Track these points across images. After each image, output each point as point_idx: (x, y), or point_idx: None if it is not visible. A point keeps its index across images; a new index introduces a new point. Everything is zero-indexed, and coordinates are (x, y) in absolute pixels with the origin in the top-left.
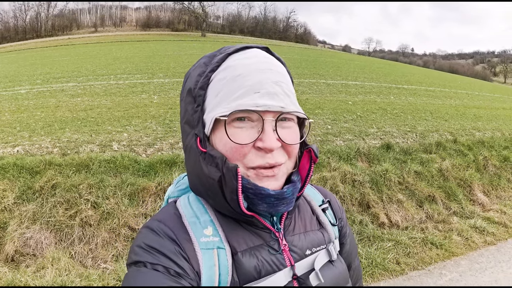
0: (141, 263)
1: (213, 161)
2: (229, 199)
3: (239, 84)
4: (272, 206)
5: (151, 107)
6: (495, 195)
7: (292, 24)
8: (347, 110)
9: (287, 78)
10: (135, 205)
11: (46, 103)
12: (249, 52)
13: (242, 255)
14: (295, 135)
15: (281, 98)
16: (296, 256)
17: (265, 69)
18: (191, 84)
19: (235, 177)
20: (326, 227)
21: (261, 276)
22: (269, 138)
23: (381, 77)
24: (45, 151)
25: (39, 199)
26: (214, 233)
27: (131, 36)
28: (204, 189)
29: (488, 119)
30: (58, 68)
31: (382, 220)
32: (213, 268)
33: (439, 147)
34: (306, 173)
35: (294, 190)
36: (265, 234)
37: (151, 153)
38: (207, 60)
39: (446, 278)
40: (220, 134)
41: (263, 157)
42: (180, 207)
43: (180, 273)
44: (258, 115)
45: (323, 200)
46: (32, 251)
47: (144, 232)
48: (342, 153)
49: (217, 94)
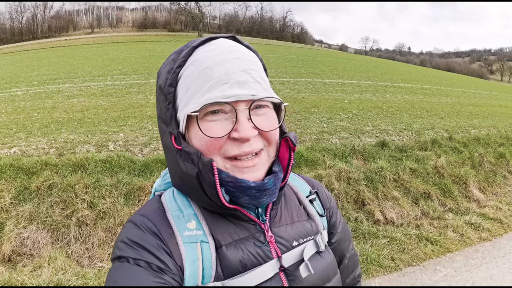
0: (124, 258)
1: (189, 157)
2: (209, 194)
3: (207, 77)
4: (254, 198)
5: (147, 107)
6: (490, 192)
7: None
8: (343, 109)
9: (258, 65)
10: (131, 204)
11: (42, 104)
12: (214, 43)
13: (226, 248)
14: (272, 121)
15: (252, 86)
16: (283, 248)
17: (231, 58)
18: (162, 82)
19: (211, 171)
20: (314, 217)
21: (247, 269)
22: (244, 127)
23: (377, 76)
24: (42, 152)
25: (35, 199)
26: (198, 227)
27: (127, 37)
28: (185, 187)
29: (484, 116)
30: (55, 69)
31: (377, 217)
32: (197, 262)
33: (435, 144)
34: (287, 162)
35: (276, 180)
36: (250, 226)
37: (147, 152)
38: (175, 56)
39: (441, 274)
40: (195, 130)
41: (239, 146)
42: (165, 201)
43: (163, 268)
44: (230, 106)
45: (310, 191)
46: (29, 250)
47: (127, 227)
48: (338, 151)
49: (187, 90)
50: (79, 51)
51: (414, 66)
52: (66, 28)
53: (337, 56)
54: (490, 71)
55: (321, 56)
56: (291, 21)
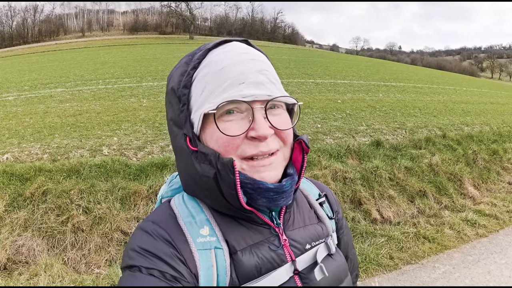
0: (135, 268)
1: (205, 158)
2: (227, 195)
3: (223, 77)
4: (272, 200)
5: (140, 110)
6: (485, 188)
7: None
8: (337, 109)
9: (270, 66)
10: (127, 209)
11: (34, 109)
12: (229, 46)
13: (242, 254)
14: (286, 121)
15: (267, 86)
16: (297, 251)
17: (247, 59)
18: (174, 84)
19: (231, 171)
20: (324, 220)
21: (262, 274)
22: (261, 125)
23: (369, 75)
24: (35, 158)
25: (30, 206)
26: (211, 233)
27: (118, 40)
28: (199, 189)
29: (477, 113)
30: (46, 74)
31: (374, 216)
32: (211, 269)
33: (429, 142)
34: (300, 165)
35: (292, 182)
36: (264, 230)
37: (141, 156)
38: (188, 59)
39: (439, 271)
40: (211, 130)
41: (256, 146)
42: (175, 207)
43: (177, 276)
44: (246, 105)
45: (319, 193)
46: (24, 258)
47: (138, 234)
48: (333, 151)
49: (202, 91)
50: (70, 55)
51: (406, 65)
52: (57, 32)
53: (328, 56)
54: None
55: (313, 57)
56: (282, 22)
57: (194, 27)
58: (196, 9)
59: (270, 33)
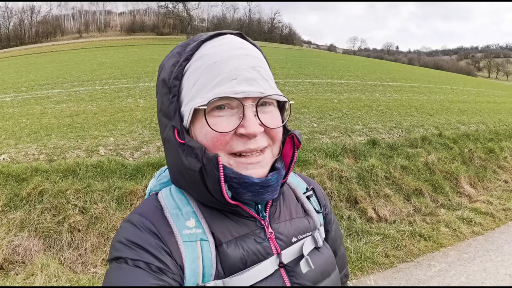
0: (122, 259)
1: (192, 152)
2: (212, 190)
3: (216, 72)
4: (257, 194)
5: (137, 111)
6: (481, 187)
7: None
8: (333, 108)
9: (264, 62)
10: (123, 208)
11: (31, 110)
12: (223, 39)
13: (227, 246)
14: (277, 119)
15: (260, 83)
16: (282, 244)
17: (240, 54)
18: (165, 74)
19: (216, 166)
20: (311, 214)
21: (247, 266)
22: (251, 123)
23: (366, 75)
24: (31, 158)
25: (26, 206)
26: (197, 225)
27: (116, 41)
28: (185, 182)
29: (473, 112)
30: (43, 75)
31: (370, 215)
32: (197, 261)
33: (425, 141)
34: (290, 159)
35: (279, 177)
36: (250, 223)
37: (138, 156)
38: (180, 50)
39: (435, 269)
40: (200, 125)
41: (245, 143)
42: (162, 199)
43: (162, 268)
44: (237, 101)
45: (307, 187)
46: (21, 258)
47: (124, 227)
48: (329, 150)
49: (194, 84)
50: (67, 56)
51: (403, 65)
52: (54, 33)
53: (325, 56)
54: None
55: (310, 57)
56: (279, 23)
57: (191, 28)
58: (193, 9)
59: (267, 33)
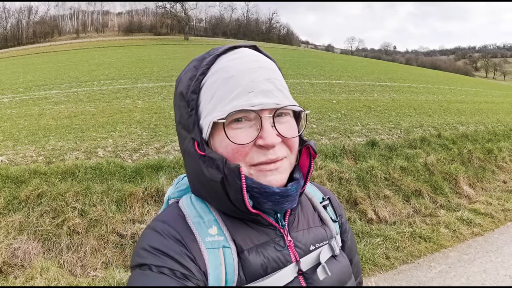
0: (146, 266)
1: (213, 163)
2: (234, 199)
3: (232, 85)
4: (277, 203)
5: (135, 112)
6: (480, 187)
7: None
8: (332, 109)
9: (279, 73)
10: (122, 211)
11: (29, 111)
12: (238, 52)
13: (248, 253)
14: (293, 128)
15: (275, 94)
16: (301, 252)
17: (256, 67)
18: (183, 88)
19: (238, 176)
20: (328, 223)
21: (267, 273)
22: (269, 134)
23: (364, 76)
24: (30, 160)
25: (25, 209)
26: (219, 232)
27: (113, 41)
28: (206, 192)
29: (471, 113)
30: (41, 76)
31: (370, 216)
32: (220, 267)
33: (424, 142)
34: (307, 169)
35: (298, 187)
36: (270, 231)
37: (137, 158)
38: (197, 64)
39: (435, 270)
40: (220, 137)
41: (265, 154)
42: (183, 207)
43: (187, 274)
44: (255, 113)
45: (323, 197)
46: (20, 261)
47: (148, 234)
48: (328, 152)
49: (211, 97)
50: (65, 57)
51: (400, 65)
52: (52, 34)
53: (323, 56)
54: (475, 68)
55: (308, 57)
56: (277, 23)
57: (189, 28)
58: (191, 10)
59: (265, 33)
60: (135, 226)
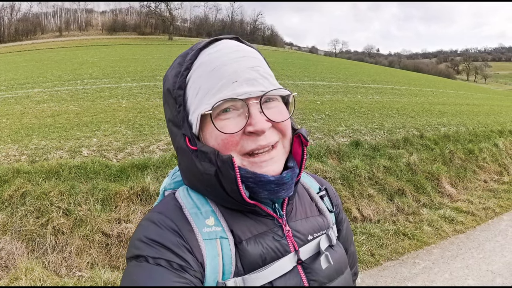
0: (142, 258)
1: (206, 156)
2: (230, 191)
3: (216, 77)
4: (273, 192)
5: (119, 111)
6: (462, 186)
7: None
8: (316, 110)
9: (263, 61)
10: (108, 210)
11: (11, 110)
12: (220, 44)
13: (247, 243)
14: (283, 112)
15: (260, 82)
16: (300, 242)
17: (238, 57)
18: (169, 85)
19: (231, 167)
20: (325, 213)
21: (266, 263)
22: (258, 120)
23: (348, 77)
24: (13, 159)
25: (8, 209)
26: (216, 223)
27: (97, 40)
28: (202, 186)
29: (453, 114)
30: (23, 74)
31: (354, 215)
32: (217, 258)
33: (407, 142)
34: (300, 157)
35: (293, 174)
36: (268, 221)
37: (121, 157)
38: (181, 60)
39: (419, 267)
40: (209, 130)
41: (255, 140)
42: (180, 198)
43: (183, 266)
44: (242, 102)
45: (319, 187)
46: (4, 262)
47: (144, 225)
48: (313, 151)
49: (197, 92)
50: (48, 55)
51: (383, 67)
52: (34, 32)
53: (307, 58)
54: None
55: (292, 59)
56: (261, 24)
57: (173, 28)
58: (176, 9)
59: (250, 34)
60: (120, 226)
